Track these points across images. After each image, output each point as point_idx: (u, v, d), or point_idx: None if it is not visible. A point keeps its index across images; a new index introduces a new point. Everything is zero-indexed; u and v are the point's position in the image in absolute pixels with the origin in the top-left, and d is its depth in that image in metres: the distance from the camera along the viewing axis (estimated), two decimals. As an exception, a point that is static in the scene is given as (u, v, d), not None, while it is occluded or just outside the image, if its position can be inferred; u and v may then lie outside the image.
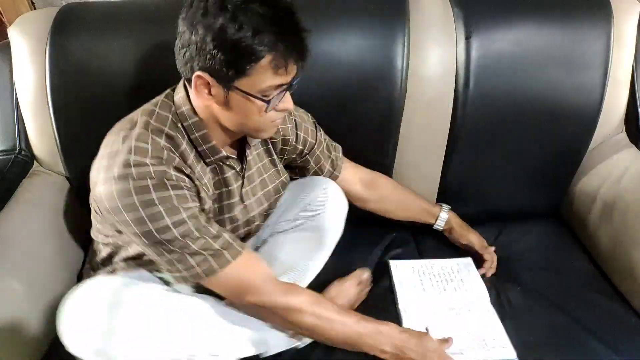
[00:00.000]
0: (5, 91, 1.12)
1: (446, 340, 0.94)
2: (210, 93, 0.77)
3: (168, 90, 0.86)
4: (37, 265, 1.01)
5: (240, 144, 0.93)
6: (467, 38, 1.09)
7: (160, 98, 0.85)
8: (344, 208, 1.08)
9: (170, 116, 0.82)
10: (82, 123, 1.11)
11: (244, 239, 1.04)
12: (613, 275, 1.13)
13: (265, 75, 0.74)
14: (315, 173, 1.10)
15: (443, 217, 1.20)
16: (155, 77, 1.07)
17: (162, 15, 1.11)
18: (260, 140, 0.96)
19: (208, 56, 0.72)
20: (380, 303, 1.06)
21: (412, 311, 1.03)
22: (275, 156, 1.02)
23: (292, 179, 1.10)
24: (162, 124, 0.81)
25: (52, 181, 1.16)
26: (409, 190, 1.21)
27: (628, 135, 1.24)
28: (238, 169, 0.93)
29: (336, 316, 0.88)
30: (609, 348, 0.96)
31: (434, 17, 1.11)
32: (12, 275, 0.95)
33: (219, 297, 0.90)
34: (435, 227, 1.21)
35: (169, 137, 0.81)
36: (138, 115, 0.83)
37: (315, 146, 1.06)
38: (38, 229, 1.06)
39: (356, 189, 1.15)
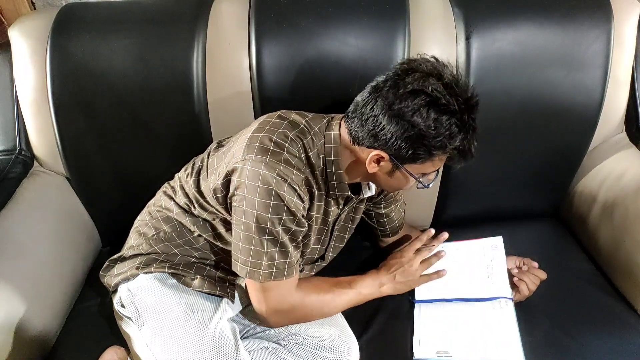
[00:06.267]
0: (6, 91, 1.12)
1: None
2: (378, 164, 0.84)
3: (324, 121, 0.90)
4: (37, 265, 1.01)
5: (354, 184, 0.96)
6: (467, 38, 1.09)
7: (316, 126, 0.89)
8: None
9: (317, 149, 0.87)
10: (82, 123, 1.11)
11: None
12: (613, 275, 1.13)
13: (433, 164, 0.84)
14: (379, 225, 1.13)
15: None
16: (155, 77, 1.08)
17: (162, 15, 1.11)
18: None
19: (397, 144, 0.79)
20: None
21: (425, 310, 1.02)
22: (363, 204, 1.04)
23: None
24: (310, 148, 0.86)
25: (52, 181, 1.16)
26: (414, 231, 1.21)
27: (628, 135, 1.24)
28: (340, 205, 0.97)
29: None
30: (609, 348, 0.96)
31: (434, 17, 1.11)
32: (12, 275, 0.95)
33: None
34: None
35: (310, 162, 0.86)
36: (290, 131, 0.85)
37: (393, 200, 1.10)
38: (38, 229, 1.07)
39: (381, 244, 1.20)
